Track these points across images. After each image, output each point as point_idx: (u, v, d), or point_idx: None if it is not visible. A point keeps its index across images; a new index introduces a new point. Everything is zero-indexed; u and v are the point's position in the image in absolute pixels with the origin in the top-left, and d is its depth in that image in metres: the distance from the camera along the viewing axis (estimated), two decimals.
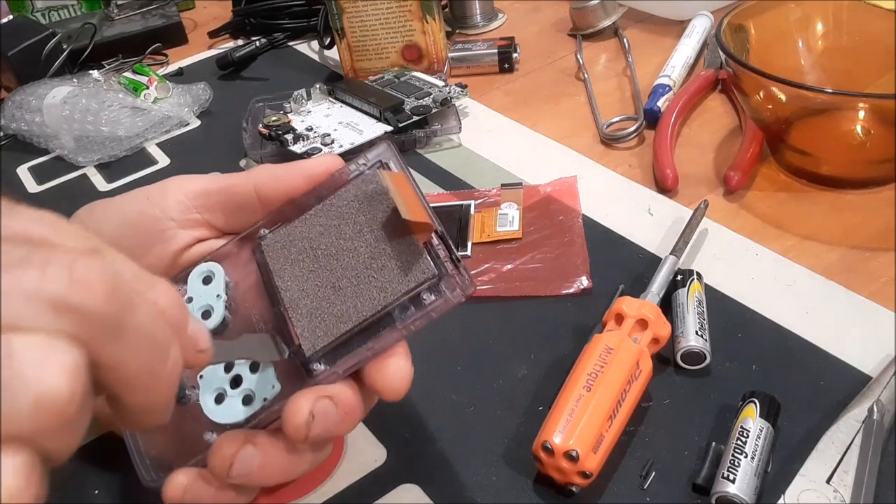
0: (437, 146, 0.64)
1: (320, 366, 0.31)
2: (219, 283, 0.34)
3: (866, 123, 0.51)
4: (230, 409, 0.32)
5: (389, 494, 0.38)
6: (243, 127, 0.67)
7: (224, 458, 0.30)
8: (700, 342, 0.40)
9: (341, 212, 0.33)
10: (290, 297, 0.33)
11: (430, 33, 0.71)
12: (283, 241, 0.34)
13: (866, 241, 0.48)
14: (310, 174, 0.35)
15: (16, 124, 0.73)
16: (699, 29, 0.72)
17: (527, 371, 0.43)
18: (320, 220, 0.34)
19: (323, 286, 0.32)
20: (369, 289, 0.31)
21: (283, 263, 0.34)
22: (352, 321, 0.31)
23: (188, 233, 0.35)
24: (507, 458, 0.38)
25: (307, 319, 0.32)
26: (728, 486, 0.34)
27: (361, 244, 0.32)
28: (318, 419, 0.30)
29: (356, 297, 0.31)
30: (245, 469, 0.30)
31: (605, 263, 0.49)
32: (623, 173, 0.58)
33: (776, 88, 0.50)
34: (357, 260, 0.32)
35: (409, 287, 0.31)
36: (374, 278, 0.31)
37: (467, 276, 0.31)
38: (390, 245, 0.32)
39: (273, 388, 0.32)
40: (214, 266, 0.34)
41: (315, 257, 0.33)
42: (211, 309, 0.34)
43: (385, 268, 0.31)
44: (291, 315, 0.32)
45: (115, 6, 0.93)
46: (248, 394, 0.32)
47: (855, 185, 0.52)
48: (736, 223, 0.51)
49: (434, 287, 0.31)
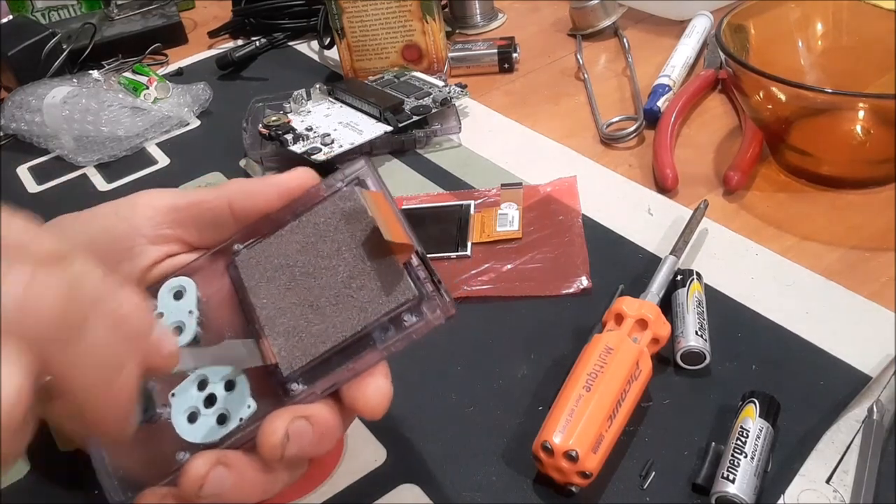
0: (437, 146, 0.64)
1: (298, 385, 0.31)
2: (190, 298, 0.33)
3: (866, 123, 0.51)
4: (204, 429, 0.31)
5: (389, 494, 0.38)
6: (243, 127, 0.67)
7: (195, 479, 0.29)
8: (700, 342, 0.40)
9: (319, 229, 0.33)
10: (266, 314, 0.32)
11: (430, 33, 0.71)
12: (259, 257, 0.33)
13: (866, 241, 0.48)
14: (284, 189, 0.34)
15: (16, 124, 0.73)
16: (699, 29, 0.72)
17: (527, 371, 0.43)
18: (297, 237, 0.33)
19: (300, 304, 0.32)
20: (349, 308, 0.31)
21: (259, 280, 0.33)
22: (331, 341, 0.31)
23: (158, 248, 0.35)
24: (507, 458, 0.38)
25: (284, 338, 0.31)
26: (728, 486, 0.34)
27: (340, 263, 0.32)
28: (294, 439, 0.30)
29: (335, 316, 0.31)
30: (216, 489, 0.30)
31: (605, 263, 0.49)
32: (623, 173, 0.58)
33: (776, 88, 0.50)
34: (335, 279, 0.32)
35: (390, 308, 0.30)
36: (353, 298, 0.31)
37: (448, 297, 0.30)
38: (370, 265, 0.31)
39: (248, 407, 0.31)
40: (186, 281, 0.34)
41: (292, 275, 0.32)
42: (182, 325, 0.33)
43: (365, 287, 0.31)
44: (268, 333, 0.32)
45: (115, 6, 0.93)
46: (223, 413, 0.31)
47: (855, 185, 0.52)
48: (736, 223, 0.51)
49: (415, 308, 0.30)
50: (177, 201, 0.35)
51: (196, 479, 0.29)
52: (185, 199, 0.35)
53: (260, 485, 0.31)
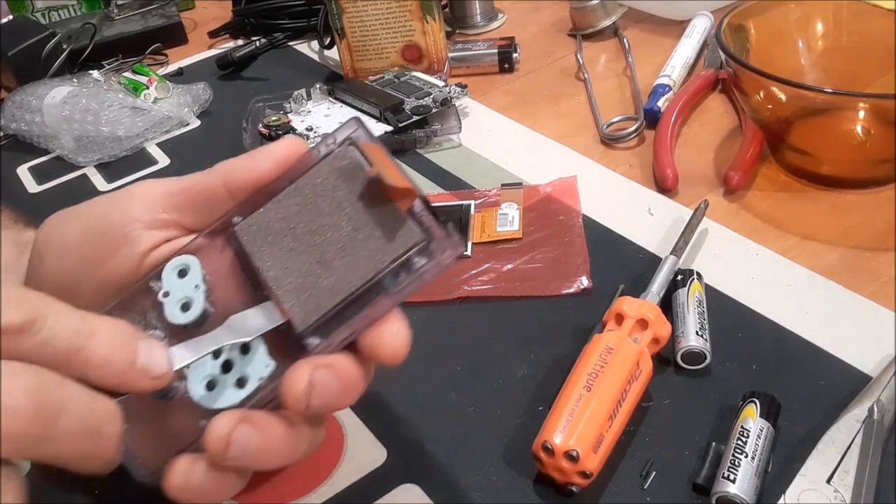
0: (437, 146, 0.64)
1: (315, 339, 0.31)
2: (195, 274, 0.33)
3: (866, 123, 0.51)
4: (224, 394, 0.31)
5: (389, 494, 0.38)
6: (243, 127, 0.67)
7: (220, 438, 0.29)
8: (700, 342, 0.40)
9: (316, 189, 0.33)
10: (273, 276, 0.32)
11: (430, 33, 0.71)
12: (258, 224, 0.33)
13: (866, 241, 0.48)
14: (275, 158, 0.34)
15: (16, 124, 0.73)
16: (699, 29, 0.72)
17: (527, 371, 0.43)
18: (295, 199, 0.33)
19: (307, 262, 0.32)
20: (356, 259, 0.31)
21: (261, 245, 0.33)
22: (342, 293, 0.30)
23: (155, 233, 0.35)
24: (507, 458, 0.38)
25: (294, 296, 0.31)
26: (728, 486, 0.34)
27: (342, 218, 0.32)
28: (318, 388, 0.29)
29: (344, 268, 0.31)
30: (242, 448, 0.29)
31: (605, 263, 0.49)
32: (623, 173, 0.58)
33: (776, 88, 0.50)
34: (339, 234, 0.32)
35: (399, 253, 0.30)
36: (359, 249, 0.31)
37: (456, 236, 0.30)
38: (373, 216, 0.31)
39: (267, 367, 0.31)
40: (190, 258, 0.33)
41: (294, 235, 0.32)
42: (190, 301, 0.33)
43: (370, 238, 0.31)
44: (277, 293, 0.31)
45: (115, 6, 0.93)
46: (241, 376, 0.31)
47: (855, 185, 0.52)
48: (736, 223, 0.51)
49: (424, 250, 0.30)
50: (171, 187, 0.35)
51: (221, 437, 0.29)
52: (180, 184, 0.35)
53: (285, 444, 0.31)
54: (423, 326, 0.38)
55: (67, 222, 0.36)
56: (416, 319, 0.32)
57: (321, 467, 0.39)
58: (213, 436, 0.29)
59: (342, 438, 0.40)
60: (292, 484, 0.38)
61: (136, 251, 0.34)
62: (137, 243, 0.34)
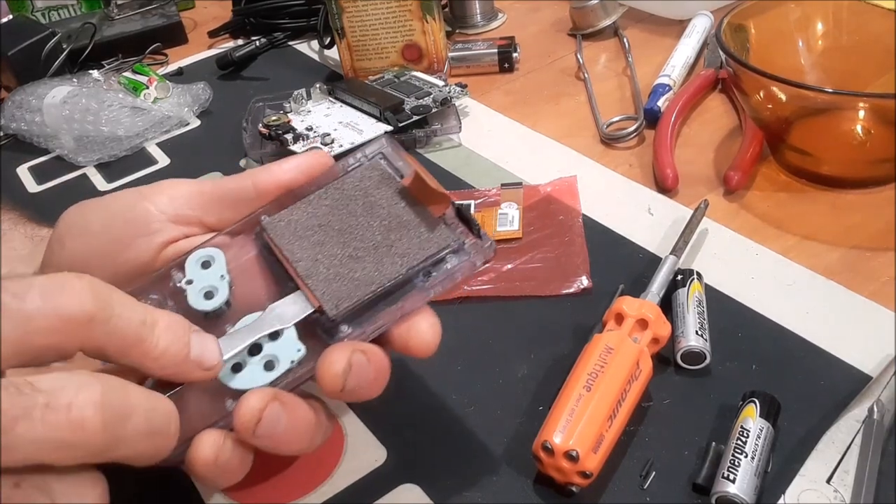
0: (437, 146, 0.64)
1: (347, 328, 0.31)
2: (220, 265, 0.34)
3: (866, 123, 0.51)
4: (252, 375, 0.31)
5: (389, 494, 0.38)
6: (243, 127, 0.67)
7: (252, 414, 0.29)
8: (700, 342, 0.40)
9: (347, 193, 0.33)
10: (304, 266, 0.32)
11: (430, 33, 0.71)
12: (287, 220, 0.34)
13: (866, 241, 0.48)
14: (304, 168, 0.35)
15: (16, 124, 0.73)
16: (699, 29, 0.72)
17: (527, 371, 0.43)
18: (325, 201, 0.34)
19: (339, 256, 0.32)
20: (389, 256, 0.31)
21: (291, 239, 0.33)
22: (375, 284, 0.31)
23: (177, 228, 0.35)
24: (507, 458, 0.38)
25: (325, 284, 0.31)
26: (728, 485, 0.34)
27: (374, 220, 0.32)
28: (355, 370, 0.30)
29: (376, 263, 0.31)
30: (271, 426, 0.30)
31: (605, 263, 0.49)
32: (623, 173, 0.58)
33: (776, 88, 0.50)
34: (371, 233, 0.32)
35: (431, 252, 0.31)
36: (392, 248, 0.32)
37: (488, 241, 0.31)
38: (405, 219, 0.32)
39: (299, 351, 0.31)
40: (214, 251, 0.34)
41: (325, 232, 0.33)
42: (214, 290, 0.33)
43: (404, 238, 0.32)
44: (308, 282, 0.32)
45: (115, 6, 0.93)
46: (270, 359, 0.31)
47: (855, 185, 0.52)
48: (736, 223, 0.51)
49: (456, 252, 0.31)
50: (201, 186, 0.36)
51: (253, 413, 0.29)
52: (209, 184, 0.36)
53: (309, 429, 0.31)
54: None
55: (91, 209, 0.36)
56: None
57: (321, 467, 0.39)
58: (245, 410, 0.29)
59: (342, 438, 0.40)
60: (292, 484, 0.38)
61: (155, 242, 0.35)
62: (157, 235, 0.35)
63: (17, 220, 0.45)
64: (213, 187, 0.36)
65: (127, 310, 0.28)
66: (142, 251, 0.35)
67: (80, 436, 0.25)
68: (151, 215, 0.35)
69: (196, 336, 0.30)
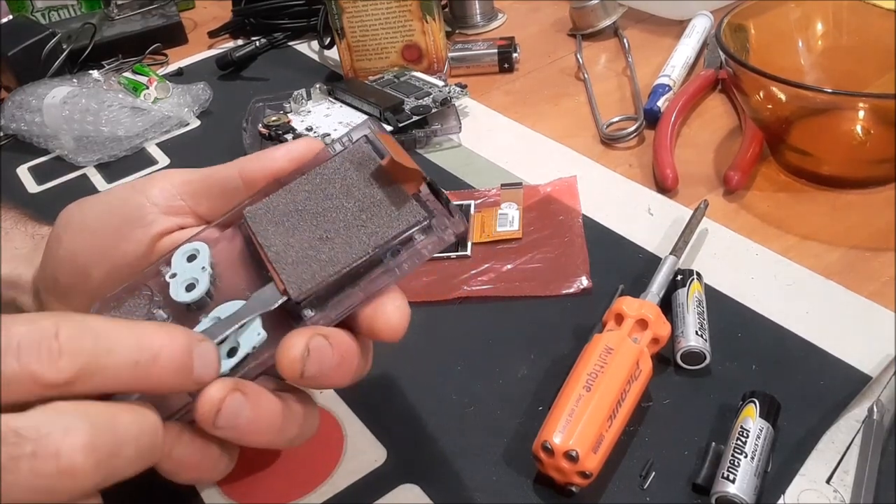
0: (437, 146, 0.64)
1: (311, 312, 0.31)
2: (203, 259, 0.34)
3: (866, 123, 0.51)
4: None
5: (389, 494, 0.38)
6: (243, 127, 0.67)
7: (211, 405, 0.28)
8: (700, 342, 0.40)
9: (327, 177, 0.34)
10: (274, 251, 0.32)
11: (430, 33, 0.71)
12: (266, 208, 0.34)
13: (866, 241, 0.48)
14: (293, 156, 0.35)
15: (16, 124, 0.73)
16: (699, 29, 0.72)
17: (527, 371, 0.43)
18: (305, 187, 0.34)
19: (309, 239, 0.32)
20: (358, 235, 0.31)
21: (267, 226, 0.33)
22: (340, 264, 0.31)
23: (170, 219, 0.35)
24: (507, 458, 0.38)
25: (293, 267, 0.31)
26: (728, 486, 0.34)
27: (349, 201, 0.32)
28: (313, 355, 0.29)
29: (344, 243, 0.31)
30: (232, 418, 0.29)
31: (605, 263, 0.49)
32: (623, 173, 0.58)
33: (776, 88, 0.50)
34: (345, 214, 0.32)
35: (400, 230, 0.31)
36: (362, 227, 0.31)
37: (458, 215, 0.31)
38: (379, 198, 0.32)
39: (259, 335, 0.31)
40: (199, 245, 0.34)
41: (300, 216, 0.33)
42: (196, 282, 0.33)
43: (374, 217, 0.32)
44: (276, 266, 0.32)
45: (115, 6, 0.93)
46: (233, 346, 0.31)
47: (855, 185, 0.52)
48: (736, 223, 0.51)
49: (426, 229, 0.31)
50: (190, 175, 0.36)
51: (212, 403, 0.28)
52: (198, 172, 0.36)
53: (275, 420, 0.30)
54: (422, 326, 0.38)
55: (88, 206, 0.37)
56: (415, 319, 0.32)
57: (321, 467, 0.39)
58: (204, 401, 0.29)
59: (342, 438, 0.40)
60: (292, 484, 0.38)
61: (150, 234, 0.35)
62: (151, 227, 0.35)
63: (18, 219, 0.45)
64: (202, 178, 0.36)
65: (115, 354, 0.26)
66: (137, 244, 0.35)
67: (71, 483, 0.24)
68: (145, 208, 0.35)
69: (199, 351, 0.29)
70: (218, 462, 0.31)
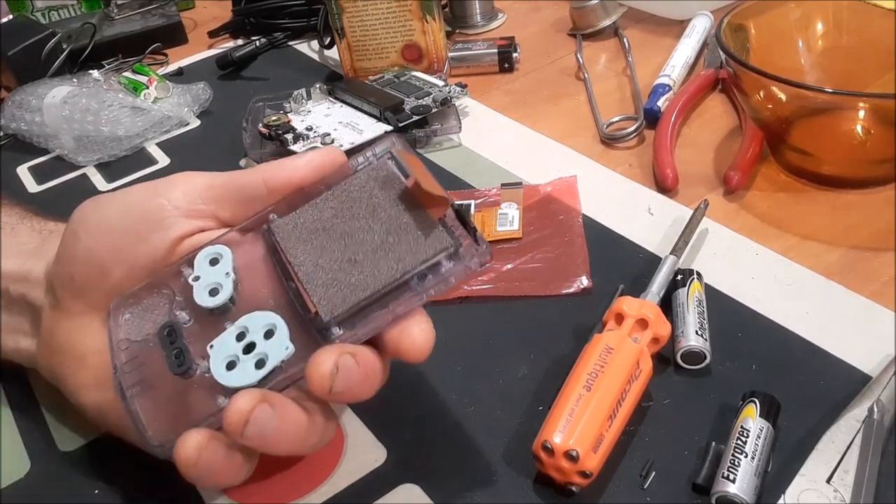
0: (437, 146, 0.64)
1: (339, 330, 0.31)
2: (227, 263, 0.34)
3: (866, 123, 0.51)
4: (243, 373, 0.32)
5: (389, 494, 0.38)
6: (243, 127, 0.67)
7: (241, 414, 0.29)
8: (700, 342, 0.40)
9: (353, 195, 0.34)
10: (304, 271, 0.33)
11: (430, 33, 0.71)
12: (294, 223, 0.34)
13: (866, 241, 0.48)
14: (316, 165, 0.35)
15: (16, 124, 0.73)
16: (699, 29, 0.72)
17: (527, 371, 0.43)
18: (331, 203, 0.34)
19: (339, 260, 0.33)
20: (386, 260, 0.32)
21: (295, 242, 0.34)
22: (370, 289, 0.31)
23: (191, 222, 0.36)
24: (507, 458, 0.38)
25: (323, 289, 0.32)
26: (728, 485, 0.34)
27: (375, 223, 0.33)
28: (342, 373, 0.30)
29: (373, 267, 0.32)
30: (260, 428, 0.30)
31: (605, 263, 0.49)
32: (623, 173, 0.58)
33: (776, 88, 0.50)
34: (372, 236, 0.33)
35: (427, 256, 0.31)
36: (390, 251, 0.32)
37: (484, 245, 0.31)
38: (405, 221, 0.33)
39: (287, 349, 0.32)
40: (222, 248, 0.35)
41: (329, 236, 0.33)
42: (220, 287, 0.34)
43: (401, 241, 0.32)
44: (307, 286, 0.32)
45: (115, 6, 0.93)
46: (262, 357, 0.32)
47: (855, 185, 0.52)
48: (736, 223, 0.51)
49: (452, 256, 0.32)
50: (213, 179, 0.36)
51: (242, 414, 0.29)
52: (221, 177, 0.36)
53: (300, 430, 0.31)
54: None
55: (106, 203, 0.37)
56: None
57: (321, 467, 0.39)
58: (234, 411, 0.29)
59: (342, 438, 0.40)
60: (292, 484, 0.38)
61: (170, 237, 0.35)
62: (172, 229, 0.35)
63: (23, 215, 0.45)
64: (225, 183, 0.36)
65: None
66: (157, 246, 0.35)
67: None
68: (166, 210, 0.35)
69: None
70: (241, 468, 0.32)
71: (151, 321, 0.34)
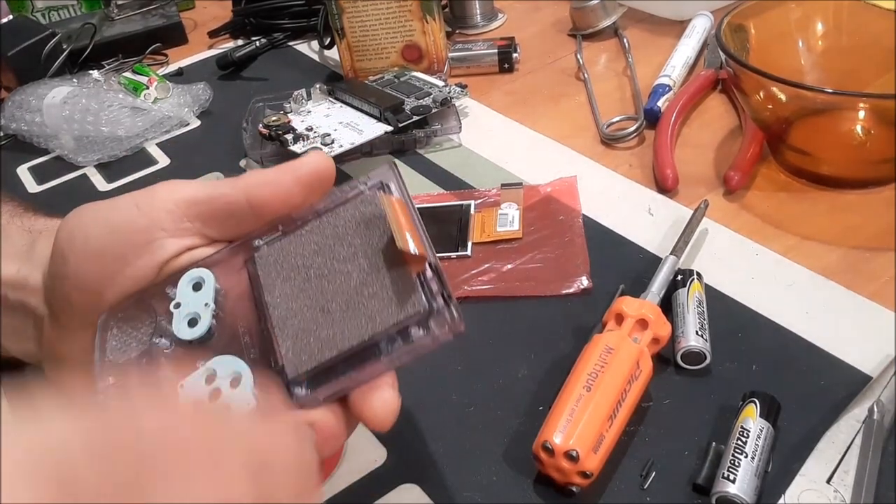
0: (437, 146, 0.64)
1: (301, 390, 0.31)
2: (208, 290, 0.34)
3: (866, 123, 0.51)
4: None
5: (389, 494, 0.38)
6: (243, 127, 0.67)
7: None
8: (700, 342, 0.40)
9: (337, 231, 0.33)
10: (278, 314, 0.32)
11: (430, 33, 0.71)
12: (276, 255, 0.34)
13: (866, 241, 0.48)
14: (298, 176, 0.34)
15: (16, 124, 0.73)
16: (699, 29, 0.72)
17: (527, 371, 0.43)
18: (315, 237, 0.34)
19: (312, 307, 0.32)
20: (358, 316, 0.31)
21: (275, 279, 0.33)
22: (337, 348, 0.31)
23: (178, 241, 0.35)
24: (507, 458, 0.38)
25: (292, 340, 0.32)
26: (728, 486, 0.34)
27: (354, 268, 0.32)
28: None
29: (344, 322, 0.31)
30: None
31: (605, 263, 0.49)
32: (623, 173, 0.58)
33: (776, 88, 0.50)
34: (348, 284, 0.32)
35: (398, 319, 0.31)
36: (363, 306, 0.31)
37: (457, 313, 0.30)
38: (383, 273, 0.32)
39: (248, 404, 0.31)
40: (205, 272, 0.34)
41: (307, 276, 0.33)
42: (198, 317, 0.33)
43: (376, 296, 0.31)
44: (277, 334, 0.32)
45: (115, 6, 0.93)
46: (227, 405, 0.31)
47: (855, 185, 0.52)
48: (736, 223, 0.51)
49: (423, 322, 0.30)
50: (196, 195, 0.35)
51: None
52: (204, 192, 0.35)
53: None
54: None
55: (91, 223, 0.36)
56: None
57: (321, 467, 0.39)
58: None
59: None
60: None
61: (158, 259, 0.34)
62: (160, 251, 0.34)
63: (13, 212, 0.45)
64: (208, 199, 0.35)
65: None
66: (145, 270, 0.34)
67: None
68: (152, 232, 0.34)
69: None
70: None
71: (137, 339, 0.34)
